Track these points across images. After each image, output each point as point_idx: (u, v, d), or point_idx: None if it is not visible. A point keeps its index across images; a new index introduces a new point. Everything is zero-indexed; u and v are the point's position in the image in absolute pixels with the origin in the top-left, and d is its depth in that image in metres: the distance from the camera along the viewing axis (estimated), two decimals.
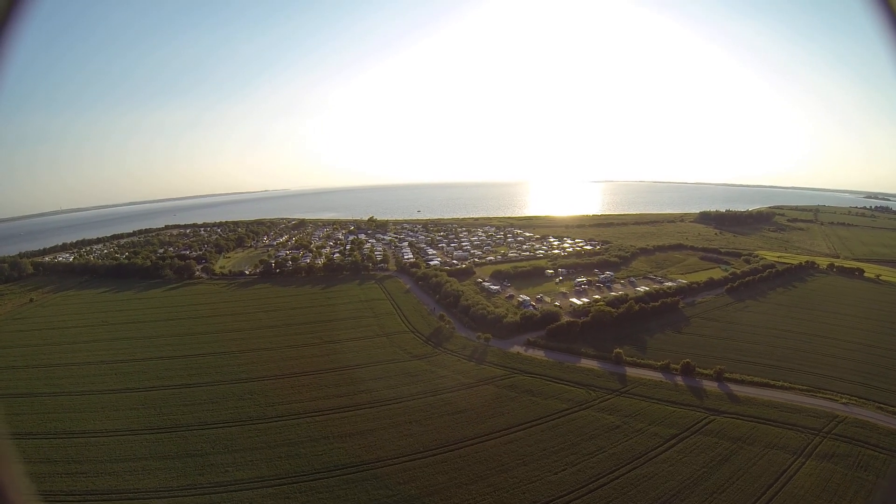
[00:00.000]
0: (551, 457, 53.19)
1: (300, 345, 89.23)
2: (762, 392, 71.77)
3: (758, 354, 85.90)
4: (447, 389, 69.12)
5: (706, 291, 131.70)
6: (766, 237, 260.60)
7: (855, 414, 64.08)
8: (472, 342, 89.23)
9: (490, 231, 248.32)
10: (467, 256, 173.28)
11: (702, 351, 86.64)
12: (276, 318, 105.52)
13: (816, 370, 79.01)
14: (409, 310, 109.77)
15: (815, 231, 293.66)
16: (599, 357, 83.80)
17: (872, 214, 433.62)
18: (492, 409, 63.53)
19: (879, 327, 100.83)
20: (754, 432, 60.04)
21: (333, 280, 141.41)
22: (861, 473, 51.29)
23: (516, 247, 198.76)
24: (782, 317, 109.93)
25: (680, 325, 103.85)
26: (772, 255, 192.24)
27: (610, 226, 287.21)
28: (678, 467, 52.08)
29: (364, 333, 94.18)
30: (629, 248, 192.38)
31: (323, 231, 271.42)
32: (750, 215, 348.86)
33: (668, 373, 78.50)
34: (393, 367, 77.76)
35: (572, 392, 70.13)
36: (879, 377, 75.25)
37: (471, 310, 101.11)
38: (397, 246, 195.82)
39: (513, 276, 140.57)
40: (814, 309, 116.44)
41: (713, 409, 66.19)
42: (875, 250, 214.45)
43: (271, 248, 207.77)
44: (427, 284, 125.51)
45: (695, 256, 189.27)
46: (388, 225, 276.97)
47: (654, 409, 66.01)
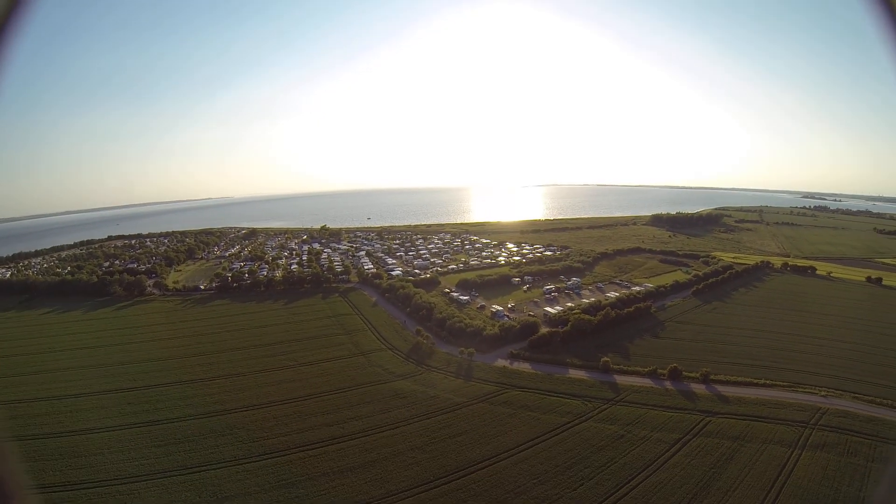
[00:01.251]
0: (565, 472, 55.93)
1: (274, 368, 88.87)
2: (748, 391, 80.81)
3: (735, 355, 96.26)
4: (442, 410, 70.23)
5: (674, 294, 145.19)
6: (718, 238, 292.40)
7: (835, 405, 74.47)
8: (456, 357, 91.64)
9: (446, 238, 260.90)
10: (428, 265, 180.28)
11: (682, 354, 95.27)
12: (243, 339, 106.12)
13: (792, 366, 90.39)
14: (381, 325, 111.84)
15: (762, 231, 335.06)
16: (587, 367, 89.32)
17: (813, 214, 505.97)
18: (493, 429, 65.46)
19: (842, 322, 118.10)
20: (750, 430, 67.57)
21: (295, 294, 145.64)
22: (852, 459, 60.02)
23: (475, 254, 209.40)
24: (751, 317, 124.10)
25: (656, 329, 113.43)
26: (727, 256, 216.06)
27: (565, 230, 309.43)
28: (689, 471, 57.25)
29: (339, 353, 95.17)
30: (589, 252, 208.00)
31: (276, 241, 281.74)
32: (700, 217, 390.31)
33: (657, 378, 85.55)
34: (378, 389, 77.90)
35: (568, 404, 74.10)
36: (850, 369, 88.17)
37: (447, 323, 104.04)
38: (355, 255, 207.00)
39: (480, 285, 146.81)
40: (778, 308, 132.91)
41: (707, 411, 73.34)
42: (822, 248, 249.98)
43: (224, 260, 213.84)
44: (395, 297, 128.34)
45: (654, 259, 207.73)
46: (341, 234, 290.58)
47: (651, 415, 71.71)
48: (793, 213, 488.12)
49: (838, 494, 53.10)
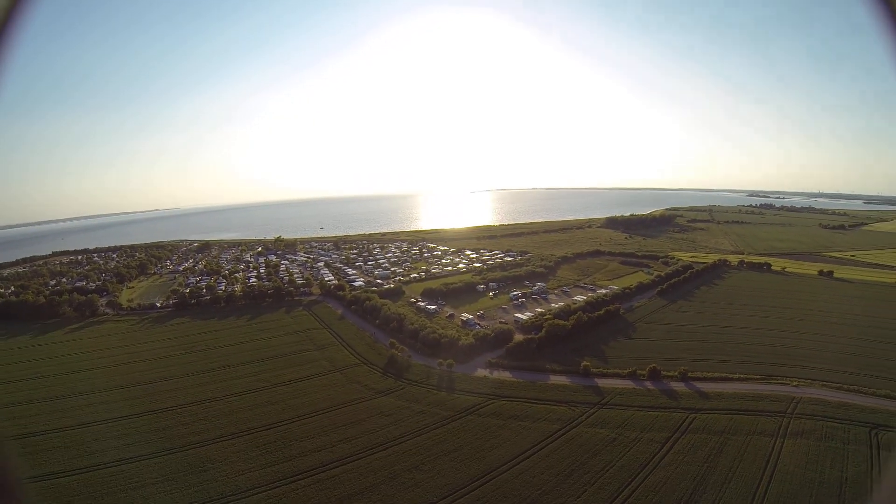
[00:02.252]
0: (567, 480, 58.92)
1: (248, 390, 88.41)
2: (725, 386, 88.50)
3: (707, 352, 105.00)
4: (431, 426, 71.76)
5: (639, 296, 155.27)
6: (673, 238, 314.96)
7: (807, 394, 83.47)
8: (435, 369, 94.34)
9: (403, 246, 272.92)
10: (389, 275, 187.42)
11: (657, 354, 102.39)
12: (210, 360, 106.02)
13: (761, 359, 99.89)
14: (352, 338, 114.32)
15: (714, 230, 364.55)
16: (567, 372, 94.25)
17: (760, 212, 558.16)
18: (487, 442, 67.65)
19: (802, 315, 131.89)
20: (733, 423, 74.24)
21: (257, 309, 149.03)
22: (830, 443, 67.88)
23: (435, 262, 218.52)
24: (716, 314, 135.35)
25: (628, 331, 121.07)
26: (685, 255, 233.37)
27: (521, 235, 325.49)
28: (684, 467, 62.21)
29: (314, 370, 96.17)
30: (550, 256, 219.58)
31: (230, 253, 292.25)
32: (654, 218, 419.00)
33: (637, 379, 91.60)
34: (362, 407, 78.55)
35: (556, 411, 77.88)
36: (815, 359, 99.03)
37: (420, 334, 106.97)
38: (314, 267, 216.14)
39: (445, 293, 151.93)
40: (740, 304, 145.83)
41: (691, 408, 79.61)
42: (773, 245, 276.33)
43: (179, 275, 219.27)
44: (361, 308, 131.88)
45: (615, 262, 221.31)
46: (296, 245, 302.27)
47: (638, 416, 76.89)
48: (741, 212, 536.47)
49: (822, 477, 60.01)
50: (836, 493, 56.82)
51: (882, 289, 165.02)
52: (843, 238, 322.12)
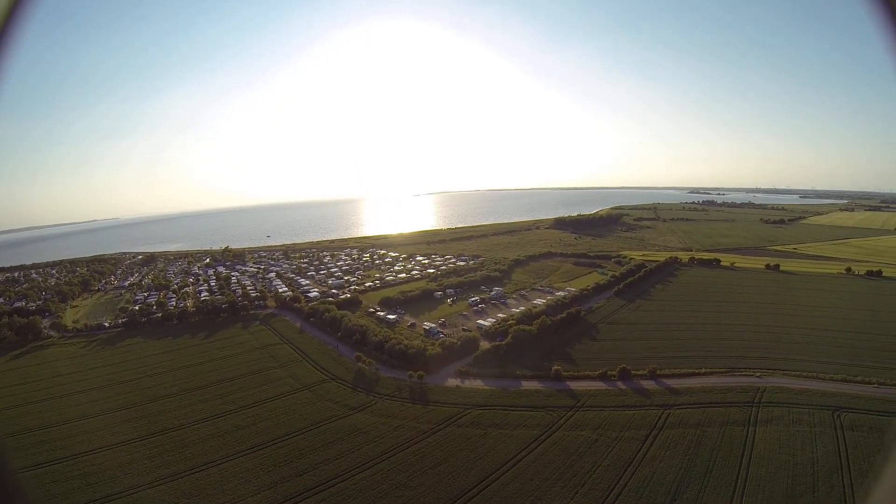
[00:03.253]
0: (557, 485, 62.45)
1: (215, 415, 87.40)
2: (693, 381, 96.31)
3: (670, 349, 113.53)
4: (411, 441, 73.48)
5: (597, 296, 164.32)
6: (622, 238, 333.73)
7: (770, 383, 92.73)
8: (405, 382, 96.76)
9: (353, 254, 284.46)
10: (343, 284, 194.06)
11: (623, 354, 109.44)
12: (170, 383, 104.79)
13: (723, 353, 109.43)
14: (315, 353, 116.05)
15: (661, 228, 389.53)
16: (539, 377, 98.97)
17: (703, 208, 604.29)
18: (471, 452, 70.11)
19: (755, 308, 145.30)
20: (706, 416, 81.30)
21: (212, 325, 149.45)
22: (798, 427, 76.25)
23: (387, 269, 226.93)
24: (674, 311, 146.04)
25: (591, 332, 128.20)
26: (637, 254, 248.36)
27: (470, 238, 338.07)
28: (667, 462, 67.64)
29: (281, 389, 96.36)
30: (503, 260, 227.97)
31: (177, 266, 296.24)
32: (601, 218, 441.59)
33: (608, 380, 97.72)
34: (337, 426, 79.11)
35: (534, 416, 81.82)
36: (772, 349, 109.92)
37: (386, 346, 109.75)
38: (265, 278, 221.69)
39: (403, 301, 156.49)
40: (696, 300, 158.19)
41: (664, 405, 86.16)
42: (719, 241, 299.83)
43: (125, 291, 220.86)
44: (321, 321, 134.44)
45: (568, 263, 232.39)
46: (245, 255, 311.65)
47: (615, 416, 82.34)
48: (685, 209, 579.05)
49: (796, 459, 67.54)
50: (810, 473, 64.21)
51: (826, 280, 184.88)
52: (784, 232, 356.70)
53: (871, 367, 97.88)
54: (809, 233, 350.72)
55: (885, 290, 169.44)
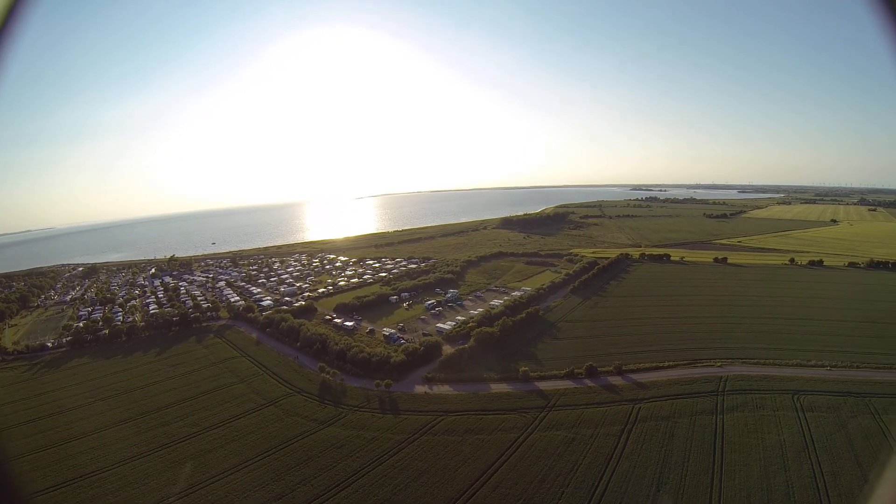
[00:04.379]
0: (542, 486, 64.79)
1: (178, 439, 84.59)
2: (658, 374, 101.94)
3: (633, 344, 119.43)
4: (388, 453, 73.84)
5: (553, 295, 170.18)
6: (570, 236, 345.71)
7: (732, 372, 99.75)
8: (372, 391, 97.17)
9: (302, 259, 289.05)
10: (296, 291, 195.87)
11: (587, 352, 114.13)
12: (125, 407, 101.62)
13: (683, 345, 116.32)
14: (275, 365, 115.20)
15: (608, 225, 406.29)
16: (506, 379, 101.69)
17: (647, 205, 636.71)
18: (451, 460, 71.32)
19: (708, 300, 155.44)
20: (675, 407, 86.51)
21: (164, 340, 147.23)
22: (762, 412, 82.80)
23: (338, 273, 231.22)
24: (631, 306, 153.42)
25: (552, 331, 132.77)
26: (587, 252, 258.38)
27: (419, 240, 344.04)
28: (645, 455, 71.61)
29: (245, 406, 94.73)
30: (454, 261, 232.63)
31: (121, 277, 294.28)
32: (548, 217, 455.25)
33: (576, 378, 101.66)
34: (310, 442, 78.11)
35: (508, 419, 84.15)
36: (729, 339, 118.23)
37: (348, 354, 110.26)
38: (215, 287, 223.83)
39: (359, 307, 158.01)
40: (651, 295, 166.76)
41: (633, 399, 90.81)
42: (666, 236, 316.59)
43: (67, 307, 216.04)
44: (278, 331, 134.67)
45: (520, 262, 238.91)
46: (192, 263, 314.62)
47: (588, 413, 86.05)
48: (629, 206, 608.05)
49: (764, 442, 73.45)
50: (780, 454, 70.18)
51: (771, 270, 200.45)
52: (727, 226, 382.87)
53: (822, 352, 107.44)
54: (751, 226, 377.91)
55: (827, 278, 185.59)
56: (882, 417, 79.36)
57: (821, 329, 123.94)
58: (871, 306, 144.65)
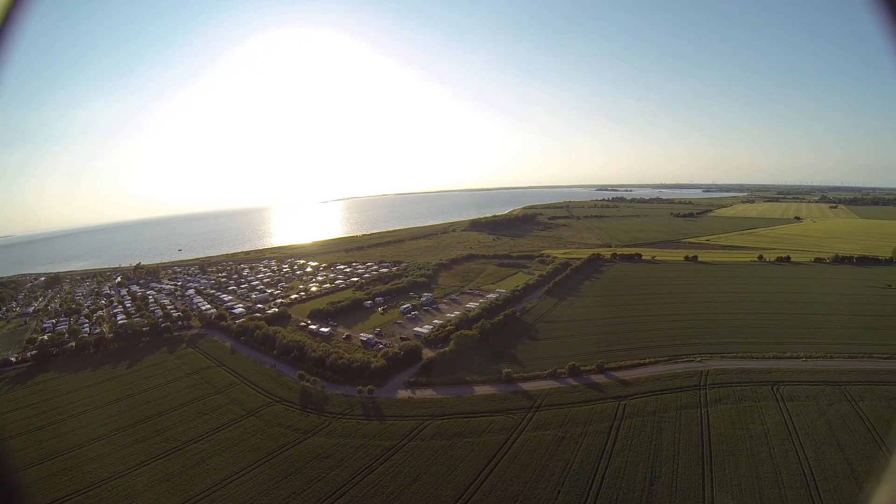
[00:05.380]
0: (538, 486, 66.16)
1: (156, 456, 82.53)
2: (640, 371, 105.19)
3: (612, 342, 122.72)
4: (377, 460, 73.83)
5: (529, 296, 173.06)
6: (539, 237, 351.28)
7: (711, 366, 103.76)
8: (355, 398, 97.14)
9: (272, 265, 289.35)
10: (268, 298, 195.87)
11: (567, 352, 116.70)
12: (98, 424, 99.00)
13: (662, 342, 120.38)
14: (253, 374, 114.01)
15: (577, 225, 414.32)
16: (490, 381, 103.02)
17: (615, 205, 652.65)
18: (442, 466, 71.86)
19: (683, 298, 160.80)
20: (661, 403, 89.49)
21: (134, 352, 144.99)
22: (744, 403, 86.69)
23: (309, 279, 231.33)
24: (606, 306, 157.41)
25: (531, 333, 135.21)
26: (559, 252, 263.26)
27: (388, 244, 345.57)
28: (635, 450, 73.97)
29: (225, 418, 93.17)
30: (426, 264, 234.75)
31: (85, 286, 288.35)
32: (517, 218, 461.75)
33: (559, 378, 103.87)
34: (295, 453, 77.31)
35: (495, 421, 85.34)
36: (706, 335, 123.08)
37: (327, 361, 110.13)
38: (184, 295, 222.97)
39: (334, 313, 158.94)
40: (625, 294, 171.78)
41: (618, 396, 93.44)
42: (636, 236, 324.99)
43: (30, 319, 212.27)
44: (252, 339, 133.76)
45: (492, 265, 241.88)
46: (159, 271, 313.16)
47: (575, 412, 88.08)
48: (597, 206, 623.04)
49: (749, 432, 77.05)
50: (765, 443, 73.79)
51: (740, 268, 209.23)
52: (694, 225, 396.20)
53: (796, 343, 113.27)
54: (718, 224, 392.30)
55: (795, 274, 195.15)
56: (859, 404, 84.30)
57: (793, 322, 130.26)
58: (839, 299, 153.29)
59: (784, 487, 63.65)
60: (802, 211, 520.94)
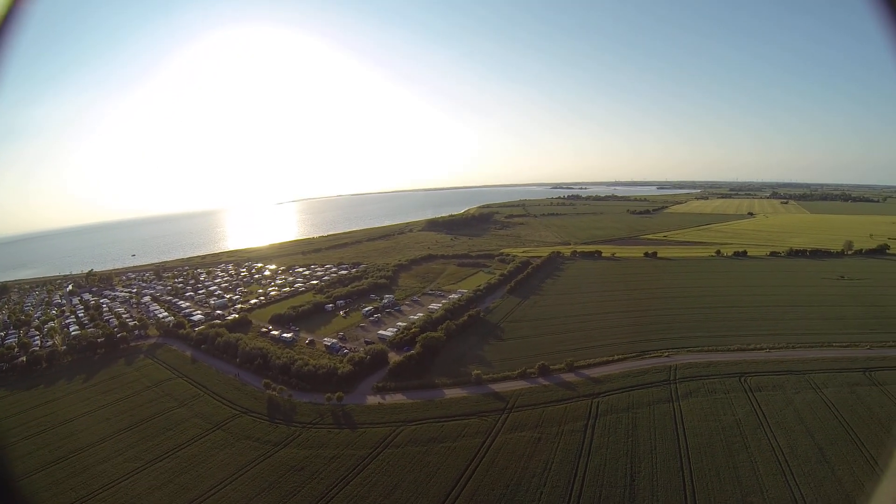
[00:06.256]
0: (520, 489, 66.40)
1: (119, 477, 78.79)
2: (609, 368, 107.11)
3: (579, 340, 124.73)
4: (353, 471, 72.43)
5: (491, 296, 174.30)
6: (497, 236, 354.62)
7: (679, 361, 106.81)
8: (324, 406, 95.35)
9: (229, 269, 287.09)
10: (227, 303, 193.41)
11: (535, 351, 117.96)
12: (55, 445, 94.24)
13: (629, 338, 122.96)
14: (216, 384, 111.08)
15: (534, 223, 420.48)
16: (460, 383, 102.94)
17: (571, 203, 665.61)
18: (420, 473, 71.07)
19: (647, 294, 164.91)
20: (633, 399, 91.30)
21: (90, 365, 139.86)
22: (715, 395, 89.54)
23: (268, 283, 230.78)
24: (570, 304, 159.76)
25: (496, 333, 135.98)
26: (518, 251, 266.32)
27: (346, 245, 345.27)
28: (613, 447, 75.07)
29: (190, 433, 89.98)
30: (386, 266, 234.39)
31: (35, 296, 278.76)
32: (474, 217, 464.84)
33: (529, 378, 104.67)
34: (267, 467, 74.80)
35: (469, 425, 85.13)
36: (671, 330, 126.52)
37: (292, 368, 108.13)
38: (140, 303, 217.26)
39: (295, 317, 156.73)
40: (588, 291, 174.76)
41: (590, 394, 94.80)
42: (594, 233, 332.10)
43: None
44: (214, 347, 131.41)
45: (452, 265, 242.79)
46: (112, 278, 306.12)
47: (549, 412, 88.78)
48: (553, 204, 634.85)
49: (722, 423, 79.73)
50: (738, 433, 76.72)
51: (700, 262, 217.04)
52: (651, 221, 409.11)
53: (759, 335, 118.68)
54: (675, 221, 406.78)
55: (752, 268, 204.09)
56: (823, 391, 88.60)
57: (754, 314, 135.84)
58: (796, 291, 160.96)
59: (761, 475, 66.04)
60: (755, 207, 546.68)
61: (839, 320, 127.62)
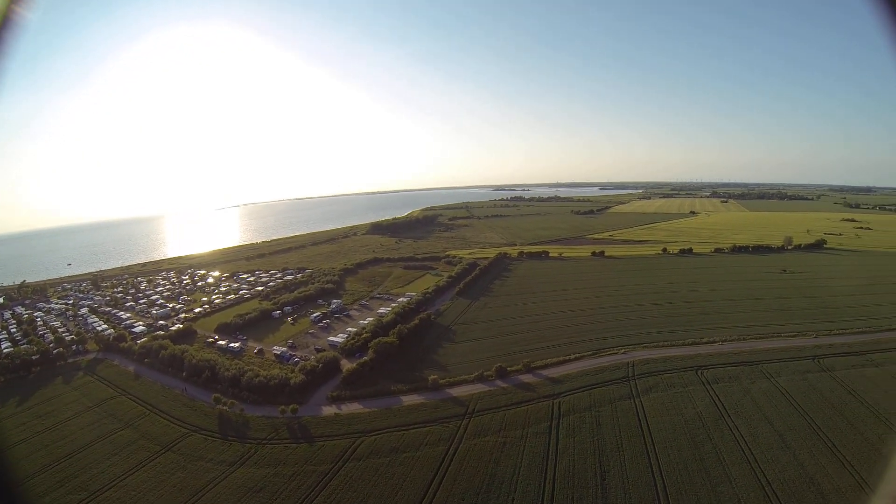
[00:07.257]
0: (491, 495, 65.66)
1: None
2: (566, 368, 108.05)
3: (533, 340, 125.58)
4: (316, 489, 69.52)
5: (441, 299, 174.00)
6: (442, 238, 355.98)
7: (635, 357, 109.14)
8: (278, 419, 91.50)
9: (171, 277, 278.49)
10: (170, 313, 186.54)
11: (490, 353, 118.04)
12: None
13: (583, 337, 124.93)
14: (162, 401, 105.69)
15: (478, 225, 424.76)
16: (416, 389, 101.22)
17: (514, 204, 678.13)
18: (385, 487, 69.02)
19: (596, 293, 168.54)
20: (593, 398, 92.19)
21: (24, 386, 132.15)
22: (673, 390, 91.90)
23: (212, 290, 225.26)
24: (522, 304, 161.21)
25: (449, 336, 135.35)
26: (464, 253, 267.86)
27: (290, 250, 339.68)
28: (580, 447, 75.30)
29: (138, 456, 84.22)
30: (331, 270, 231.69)
31: None
32: (417, 220, 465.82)
33: (487, 381, 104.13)
34: (224, 490, 70.32)
35: (430, 432, 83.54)
36: (624, 327, 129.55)
37: (242, 380, 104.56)
38: (77, 315, 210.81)
39: (242, 326, 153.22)
40: (538, 291, 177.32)
41: (550, 395, 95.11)
42: (539, 234, 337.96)
43: None
44: (158, 361, 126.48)
45: (398, 268, 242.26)
46: (46, 289, 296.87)
47: (511, 415, 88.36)
48: (496, 206, 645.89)
49: (684, 417, 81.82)
50: (701, 425, 79.00)
51: (647, 260, 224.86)
52: (596, 221, 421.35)
53: (711, 329, 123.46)
54: (619, 220, 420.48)
55: (699, 264, 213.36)
56: (777, 380, 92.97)
57: (705, 309, 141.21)
58: (742, 285, 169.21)
59: (727, 465, 68.14)
60: (696, 206, 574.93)
61: (785, 311, 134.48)
